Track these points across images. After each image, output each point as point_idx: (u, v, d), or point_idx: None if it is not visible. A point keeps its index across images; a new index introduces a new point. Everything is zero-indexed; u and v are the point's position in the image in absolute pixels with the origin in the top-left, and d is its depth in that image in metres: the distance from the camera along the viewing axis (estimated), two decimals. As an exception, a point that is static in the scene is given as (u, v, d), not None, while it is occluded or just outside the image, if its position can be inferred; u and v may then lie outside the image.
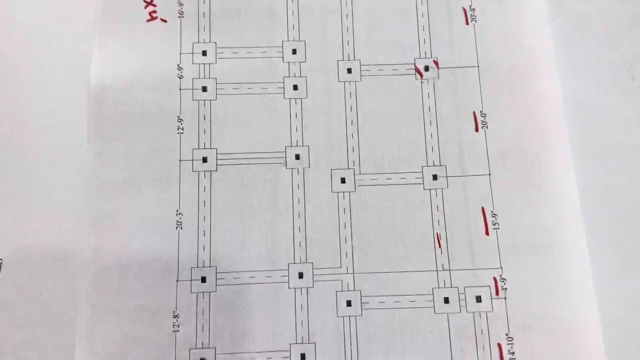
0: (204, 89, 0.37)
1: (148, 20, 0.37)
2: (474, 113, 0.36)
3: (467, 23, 0.38)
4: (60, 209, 0.34)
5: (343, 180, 0.35)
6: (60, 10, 0.38)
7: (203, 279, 0.34)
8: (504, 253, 0.34)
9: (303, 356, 0.33)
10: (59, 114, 0.36)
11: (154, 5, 0.37)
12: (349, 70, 0.37)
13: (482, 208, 0.35)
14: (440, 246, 0.34)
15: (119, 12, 0.37)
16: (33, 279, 0.33)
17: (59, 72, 0.37)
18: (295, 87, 0.37)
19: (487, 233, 0.34)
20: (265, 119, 0.36)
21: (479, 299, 0.34)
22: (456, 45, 0.38)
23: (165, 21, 0.37)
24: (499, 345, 0.33)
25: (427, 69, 0.37)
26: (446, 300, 0.34)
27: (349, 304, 0.34)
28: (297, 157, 0.36)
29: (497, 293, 0.34)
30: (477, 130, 0.36)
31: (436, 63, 0.37)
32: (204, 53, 0.37)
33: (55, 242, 0.34)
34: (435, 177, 0.35)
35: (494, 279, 0.34)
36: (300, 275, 0.34)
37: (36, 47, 0.37)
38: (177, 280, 0.34)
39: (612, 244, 0.34)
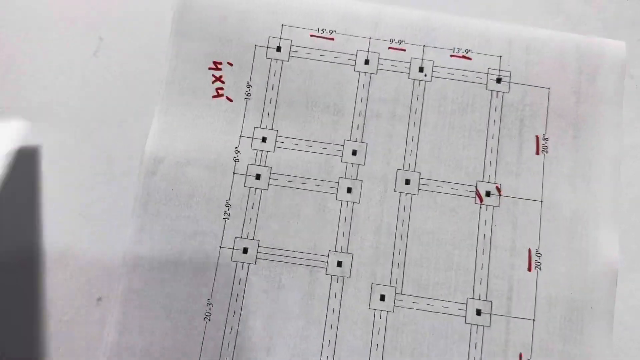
0: (258, 176, 0.35)
1: (214, 97, 0.36)
2: (529, 250, 0.35)
3: (537, 152, 0.36)
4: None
5: (382, 298, 0.34)
6: (130, 75, 0.37)
7: (222, 380, 0.33)
8: None
9: None
10: (112, 181, 0.35)
11: (222, 82, 0.36)
12: (407, 182, 0.36)
13: (520, 354, 0.33)
14: (471, 387, 0.33)
15: (186, 83, 0.36)
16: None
17: (118, 137, 0.36)
18: (349, 190, 0.36)
19: (523, 385, 0.33)
20: (314, 218, 0.35)
21: None
22: (522, 174, 0.36)
23: (231, 100, 0.36)
24: None
25: (488, 194, 0.36)
26: None
27: None
28: (340, 264, 0.34)
29: None
30: (529, 269, 0.34)
31: (499, 189, 0.36)
32: (264, 139, 0.36)
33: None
34: (478, 313, 0.34)
35: None
36: (322, 393, 0.33)
37: (104, 108, 0.37)
38: (195, 377, 0.32)
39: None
